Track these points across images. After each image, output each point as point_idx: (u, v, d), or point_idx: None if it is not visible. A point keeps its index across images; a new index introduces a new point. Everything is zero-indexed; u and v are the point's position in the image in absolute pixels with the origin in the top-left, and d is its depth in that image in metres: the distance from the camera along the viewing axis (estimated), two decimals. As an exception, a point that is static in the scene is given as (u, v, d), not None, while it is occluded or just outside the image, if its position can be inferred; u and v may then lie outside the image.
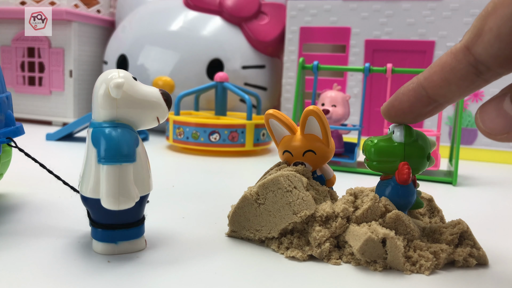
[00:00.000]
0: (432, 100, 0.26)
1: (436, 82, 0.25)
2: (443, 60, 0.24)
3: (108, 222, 0.27)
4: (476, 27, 0.22)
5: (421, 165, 0.29)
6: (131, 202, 0.25)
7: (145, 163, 0.27)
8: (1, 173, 0.36)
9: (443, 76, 0.24)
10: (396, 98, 0.27)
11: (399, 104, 0.27)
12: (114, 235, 0.27)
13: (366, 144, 0.30)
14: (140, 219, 0.28)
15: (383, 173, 0.30)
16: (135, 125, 0.27)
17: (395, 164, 0.28)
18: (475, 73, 0.23)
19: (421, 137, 0.29)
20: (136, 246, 0.28)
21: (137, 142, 0.26)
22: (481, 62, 0.22)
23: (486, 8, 0.22)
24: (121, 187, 0.25)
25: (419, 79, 0.26)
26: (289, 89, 0.85)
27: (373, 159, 0.29)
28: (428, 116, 0.27)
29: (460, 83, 0.24)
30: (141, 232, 0.28)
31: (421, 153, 0.29)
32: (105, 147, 0.25)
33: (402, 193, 0.29)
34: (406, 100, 0.27)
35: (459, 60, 0.23)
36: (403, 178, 0.28)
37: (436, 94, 0.25)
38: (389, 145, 0.29)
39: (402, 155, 0.28)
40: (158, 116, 0.27)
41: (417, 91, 0.26)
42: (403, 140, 0.28)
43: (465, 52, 0.23)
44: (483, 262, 0.28)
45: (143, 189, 0.27)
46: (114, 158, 0.25)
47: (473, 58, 0.22)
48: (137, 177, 0.26)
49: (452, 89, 0.24)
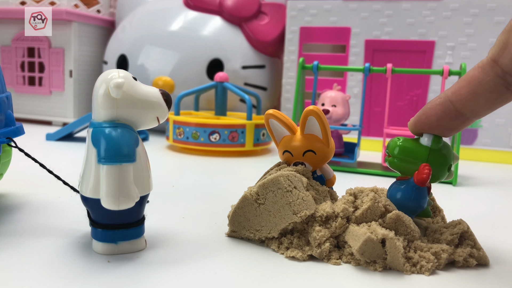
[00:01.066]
0: (459, 114, 0.26)
1: (464, 95, 0.25)
2: (470, 74, 0.25)
3: (108, 222, 0.27)
4: (502, 41, 0.23)
5: (441, 173, 0.29)
6: (131, 202, 0.25)
7: (145, 163, 0.27)
8: (1, 173, 0.36)
9: (470, 89, 0.25)
10: (423, 113, 0.28)
11: (426, 119, 0.28)
12: (114, 235, 0.27)
13: (392, 141, 0.30)
14: (140, 219, 0.28)
15: (400, 173, 0.30)
16: (135, 125, 0.27)
17: (415, 166, 0.29)
18: (504, 84, 0.24)
19: (446, 147, 0.29)
20: (136, 246, 0.28)
21: (137, 142, 0.26)
22: (509, 73, 0.23)
23: (510, 23, 0.23)
24: (121, 187, 0.25)
25: (446, 94, 0.26)
26: (289, 89, 0.85)
27: (396, 156, 0.29)
28: (456, 131, 0.27)
29: (488, 95, 0.24)
30: (141, 232, 0.28)
31: (443, 161, 0.29)
32: (105, 147, 0.25)
33: (415, 196, 0.29)
34: (433, 114, 0.27)
35: (486, 72, 0.24)
36: (422, 178, 0.28)
37: (464, 108, 0.26)
38: (415, 146, 0.29)
39: (425, 158, 0.29)
40: (158, 116, 0.27)
41: (445, 105, 0.26)
42: (429, 144, 0.29)
43: (492, 65, 0.24)
44: (483, 263, 0.28)
45: (143, 189, 0.27)
46: (114, 158, 0.25)
47: (501, 70, 0.23)
48: (137, 177, 0.26)
49: (480, 102, 0.25)
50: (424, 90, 0.77)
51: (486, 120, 0.74)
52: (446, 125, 0.27)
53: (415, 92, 0.77)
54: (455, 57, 0.74)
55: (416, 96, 0.77)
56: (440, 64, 0.75)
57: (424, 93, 0.77)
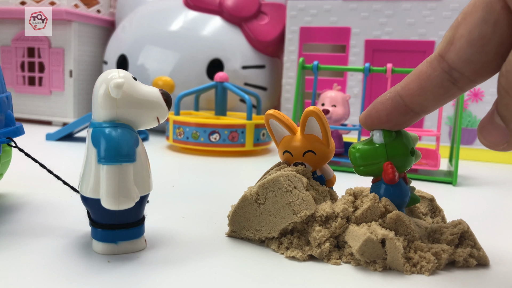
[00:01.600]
0: (408, 109, 0.26)
1: (413, 90, 0.25)
2: (419, 69, 0.25)
3: (108, 222, 0.27)
4: (448, 36, 0.23)
5: (406, 162, 0.29)
6: (131, 202, 0.25)
7: (145, 163, 0.27)
8: (1, 173, 0.36)
9: (419, 84, 0.25)
10: (373, 107, 0.28)
11: (376, 113, 0.28)
12: (114, 235, 0.27)
13: (350, 151, 0.30)
14: (140, 219, 0.28)
15: (373, 176, 0.30)
16: (135, 125, 0.27)
17: (380, 166, 0.29)
18: (450, 80, 0.24)
19: (400, 135, 0.29)
20: (136, 246, 0.28)
21: (137, 142, 0.26)
22: (455, 69, 0.23)
23: (457, 19, 0.23)
24: (121, 187, 0.25)
25: (396, 89, 0.26)
26: (289, 89, 0.85)
27: (359, 164, 0.30)
28: (405, 125, 0.28)
29: (435, 90, 0.24)
30: (141, 232, 0.28)
31: (403, 150, 0.29)
32: (105, 147, 0.25)
33: (394, 193, 0.29)
34: (383, 109, 0.27)
35: (434, 67, 0.24)
36: (389, 178, 0.28)
37: (412, 103, 0.26)
38: (371, 148, 0.29)
39: (385, 155, 0.29)
40: (158, 116, 0.27)
41: (394, 100, 0.26)
42: (383, 141, 0.29)
43: (439, 60, 0.24)
44: (483, 263, 0.28)
45: (143, 189, 0.27)
46: (114, 158, 0.25)
47: (447, 65, 0.23)
48: (137, 177, 0.26)
49: (428, 97, 0.25)
50: (424, 90, 0.77)
51: (486, 120, 0.74)
52: (396, 120, 0.27)
53: (415, 92, 0.77)
54: (455, 57, 0.74)
55: (416, 96, 0.77)
56: (440, 64, 0.75)
57: (424, 93, 0.77)
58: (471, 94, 0.74)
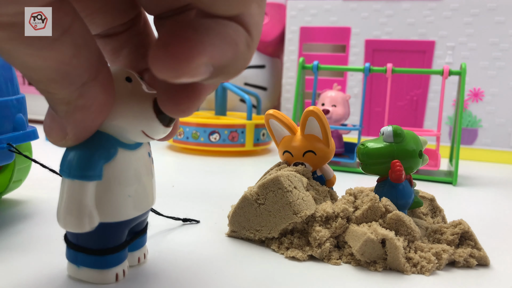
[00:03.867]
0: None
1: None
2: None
3: (71, 239, 0.23)
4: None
5: (413, 163, 0.29)
6: (80, 225, 0.20)
7: (121, 185, 0.22)
8: (20, 180, 0.35)
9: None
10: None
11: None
12: (76, 256, 0.23)
13: (358, 148, 0.30)
14: (105, 248, 0.22)
15: (379, 175, 0.30)
16: (120, 136, 0.21)
17: (387, 165, 0.29)
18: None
19: (410, 136, 0.29)
20: (100, 277, 0.23)
21: (108, 158, 0.21)
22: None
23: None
24: (70, 205, 0.20)
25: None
26: (289, 89, 0.85)
27: (366, 162, 0.30)
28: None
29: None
30: (106, 264, 0.23)
31: (412, 151, 0.29)
32: (63, 157, 0.21)
33: (399, 193, 0.29)
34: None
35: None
36: (396, 176, 0.28)
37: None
38: (380, 147, 0.29)
39: (392, 155, 0.29)
40: (144, 130, 0.21)
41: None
42: (392, 140, 0.29)
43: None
44: (484, 263, 0.28)
45: (108, 215, 0.22)
46: (67, 171, 0.21)
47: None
48: (102, 200, 0.21)
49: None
50: (424, 90, 0.77)
51: (486, 120, 0.74)
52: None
53: (415, 92, 0.77)
54: (455, 57, 0.74)
55: (416, 96, 0.77)
56: (440, 64, 0.75)
57: (424, 93, 0.77)
58: (471, 94, 0.74)
